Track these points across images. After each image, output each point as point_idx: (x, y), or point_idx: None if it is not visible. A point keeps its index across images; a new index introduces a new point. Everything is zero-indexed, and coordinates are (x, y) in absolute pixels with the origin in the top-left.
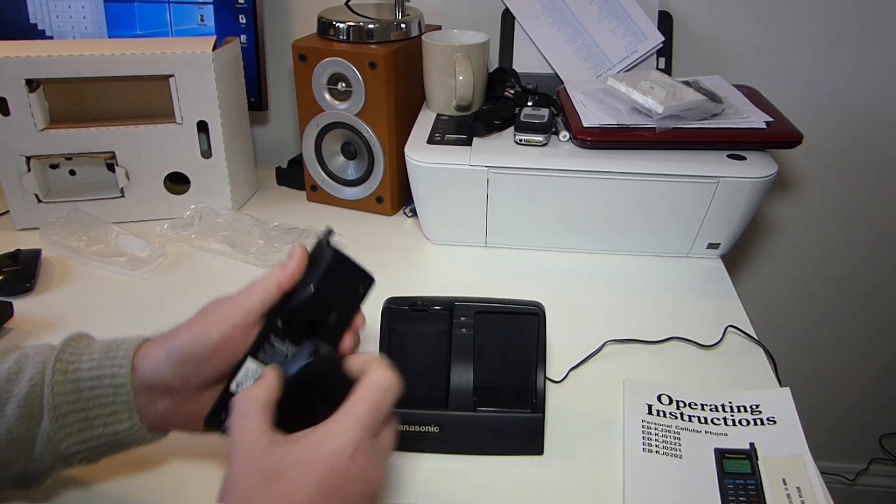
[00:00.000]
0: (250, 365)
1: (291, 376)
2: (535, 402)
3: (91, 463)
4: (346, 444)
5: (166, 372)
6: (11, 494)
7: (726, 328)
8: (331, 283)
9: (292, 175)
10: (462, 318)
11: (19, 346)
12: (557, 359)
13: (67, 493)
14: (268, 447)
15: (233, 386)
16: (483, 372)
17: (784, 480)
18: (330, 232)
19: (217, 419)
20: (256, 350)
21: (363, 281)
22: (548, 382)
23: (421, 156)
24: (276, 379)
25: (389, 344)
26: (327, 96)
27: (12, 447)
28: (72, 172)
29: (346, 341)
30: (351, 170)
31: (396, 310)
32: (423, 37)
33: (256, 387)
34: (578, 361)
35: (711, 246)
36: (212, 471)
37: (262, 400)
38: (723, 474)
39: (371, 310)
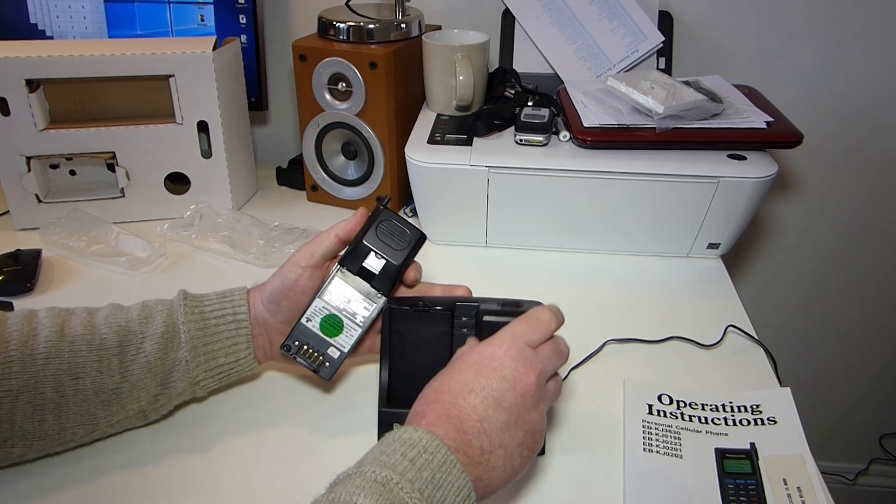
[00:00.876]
0: (318, 303)
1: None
2: None
3: (209, 390)
4: (502, 340)
5: (262, 310)
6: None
7: (727, 328)
8: (380, 236)
9: (292, 175)
10: (463, 319)
11: (124, 305)
12: None
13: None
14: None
15: (303, 319)
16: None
17: (784, 480)
18: (386, 198)
19: (288, 346)
20: (323, 291)
21: (413, 236)
22: None
23: (421, 156)
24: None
25: (390, 345)
26: (327, 96)
27: (149, 377)
28: (72, 172)
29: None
30: (351, 170)
31: (398, 310)
32: (423, 37)
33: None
34: (579, 361)
35: (711, 246)
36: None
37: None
38: (723, 474)
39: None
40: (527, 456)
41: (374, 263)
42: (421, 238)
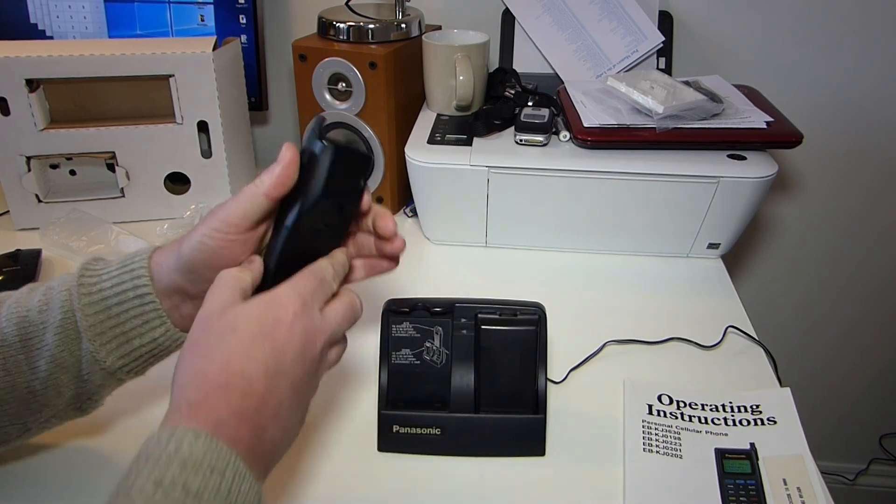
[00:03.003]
0: None
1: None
2: (537, 404)
3: (140, 375)
4: (288, 302)
5: (178, 278)
6: (72, 420)
7: (727, 328)
8: (334, 186)
9: None
10: (462, 320)
11: (44, 283)
12: (558, 359)
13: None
14: (226, 309)
15: None
16: (484, 374)
17: (784, 480)
18: (323, 122)
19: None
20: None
21: (363, 166)
22: (550, 384)
23: (421, 156)
24: (259, 264)
25: (390, 346)
26: (327, 96)
27: (60, 372)
28: (72, 172)
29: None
30: None
31: (397, 312)
32: (423, 37)
33: (240, 267)
34: (579, 362)
35: (711, 246)
36: None
37: (239, 277)
38: (723, 474)
39: (372, 311)
40: (298, 430)
41: (327, 219)
42: (371, 164)
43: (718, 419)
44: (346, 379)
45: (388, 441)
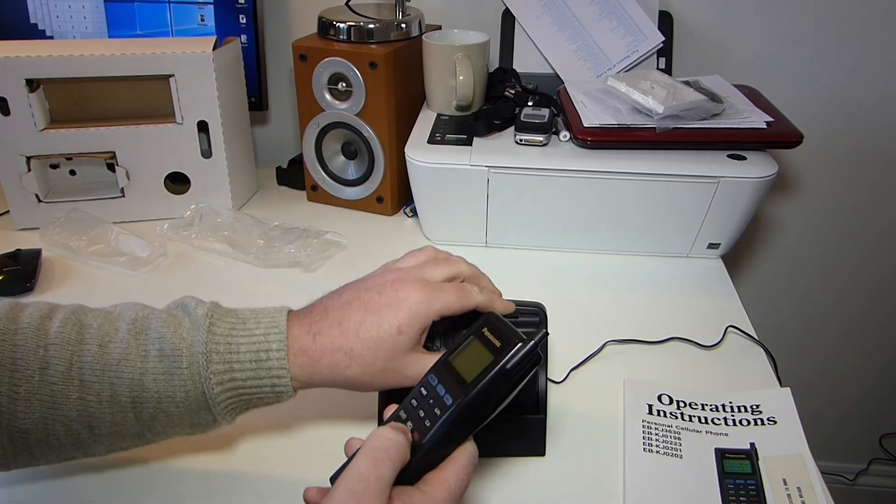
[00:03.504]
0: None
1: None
2: (537, 404)
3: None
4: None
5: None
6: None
7: (727, 328)
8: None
9: (292, 175)
10: (464, 318)
11: (145, 325)
12: (558, 359)
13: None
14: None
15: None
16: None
17: (784, 480)
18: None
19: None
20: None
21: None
22: (550, 384)
23: (421, 156)
24: (408, 435)
25: None
26: (327, 96)
27: (174, 429)
28: (72, 172)
29: None
30: (351, 170)
31: None
32: (423, 37)
33: (395, 434)
34: (579, 362)
35: (711, 246)
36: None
37: (399, 457)
38: (723, 474)
39: None
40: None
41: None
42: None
43: (718, 419)
44: None
45: None
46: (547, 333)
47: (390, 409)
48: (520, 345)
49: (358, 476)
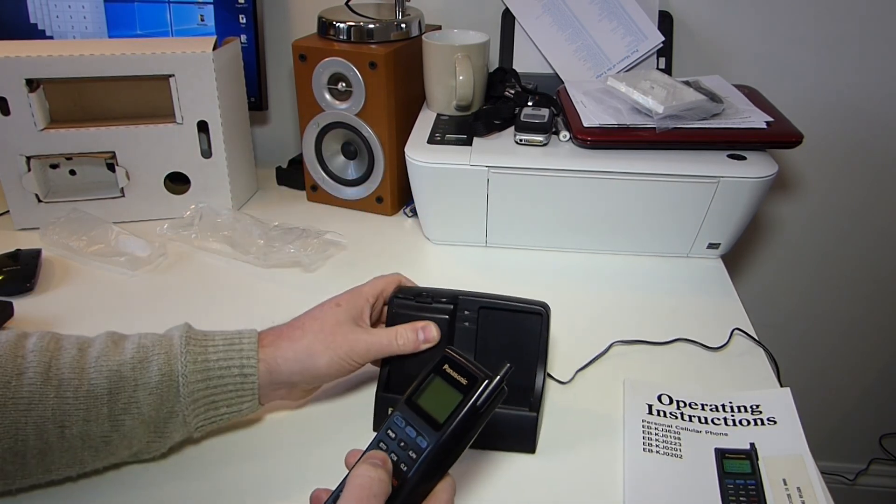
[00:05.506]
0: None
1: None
2: (532, 401)
3: (206, 434)
4: None
5: (285, 380)
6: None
7: (732, 331)
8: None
9: (292, 175)
10: (466, 312)
11: (124, 335)
12: (560, 358)
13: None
14: None
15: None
16: (483, 367)
17: (784, 480)
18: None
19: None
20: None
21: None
22: (554, 383)
23: (421, 156)
24: (389, 466)
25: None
26: (327, 96)
27: (141, 427)
28: (72, 172)
29: None
30: (351, 170)
31: (402, 300)
32: (423, 37)
33: (377, 473)
34: (586, 363)
35: (711, 246)
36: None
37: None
38: (723, 474)
39: None
40: None
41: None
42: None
43: (718, 419)
44: None
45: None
46: (511, 368)
47: (354, 455)
48: (486, 381)
49: None
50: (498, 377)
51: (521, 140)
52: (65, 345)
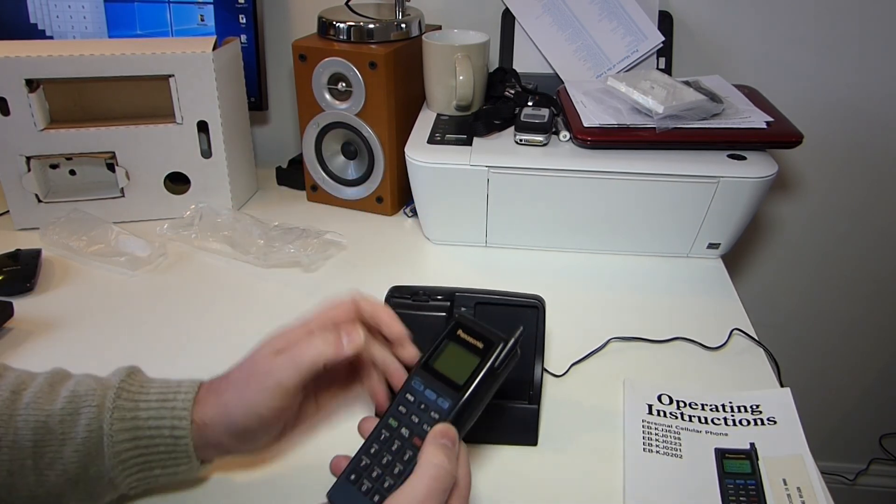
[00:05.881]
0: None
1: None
2: (532, 394)
3: (145, 495)
4: None
5: (226, 439)
6: None
7: (732, 331)
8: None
9: (292, 175)
10: (462, 309)
11: (67, 376)
12: (557, 353)
13: None
14: None
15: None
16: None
17: (784, 480)
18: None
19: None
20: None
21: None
22: (549, 377)
23: (421, 156)
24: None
25: None
26: (327, 96)
27: (68, 485)
28: (72, 172)
29: None
30: (351, 170)
31: (399, 299)
32: (423, 37)
33: None
34: (581, 357)
35: (711, 246)
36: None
37: None
38: (723, 474)
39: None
40: None
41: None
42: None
43: (718, 419)
44: None
45: None
46: (524, 330)
47: (370, 421)
48: (502, 344)
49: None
50: (513, 339)
51: (521, 140)
52: (1, 384)
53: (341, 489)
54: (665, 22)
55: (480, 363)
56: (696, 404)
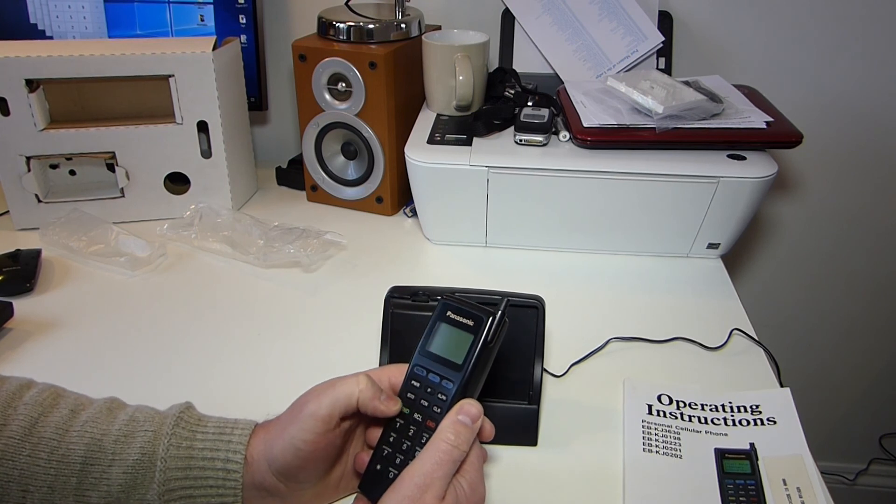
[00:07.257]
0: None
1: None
2: (532, 394)
3: None
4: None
5: (268, 479)
6: None
7: (731, 331)
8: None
9: (292, 175)
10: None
11: (125, 403)
12: (558, 353)
13: None
14: None
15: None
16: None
17: (784, 480)
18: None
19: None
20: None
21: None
22: (549, 377)
23: (421, 156)
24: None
25: (390, 333)
26: (327, 96)
27: None
28: (72, 172)
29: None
30: (351, 170)
31: (398, 299)
32: (423, 37)
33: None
34: (581, 357)
35: (711, 246)
36: None
37: None
38: (723, 474)
39: (373, 300)
40: None
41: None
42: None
43: (718, 419)
44: (347, 362)
45: None
46: (509, 300)
47: (366, 454)
48: (490, 318)
49: (423, 474)
50: (500, 311)
51: (520, 140)
52: (61, 403)
53: (371, 480)
54: (665, 22)
55: (474, 340)
56: (696, 404)
